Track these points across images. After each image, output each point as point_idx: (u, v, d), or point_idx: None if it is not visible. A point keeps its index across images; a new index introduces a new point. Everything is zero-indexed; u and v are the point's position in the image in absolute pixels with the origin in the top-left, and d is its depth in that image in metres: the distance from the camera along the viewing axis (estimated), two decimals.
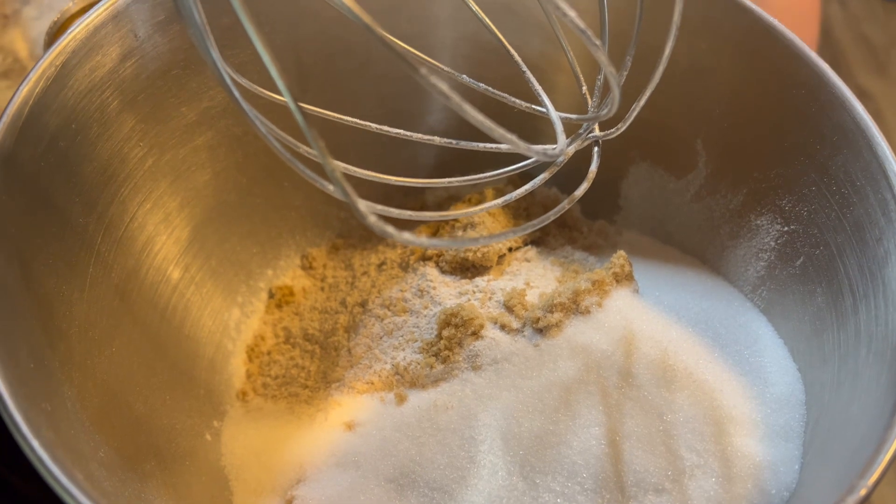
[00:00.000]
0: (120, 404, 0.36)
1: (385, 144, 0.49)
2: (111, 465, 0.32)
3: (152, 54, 0.38)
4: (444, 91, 0.23)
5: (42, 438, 0.25)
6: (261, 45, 0.23)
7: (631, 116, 0.34)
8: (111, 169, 0.38)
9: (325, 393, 0.42)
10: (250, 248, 0.47)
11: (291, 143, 0.31)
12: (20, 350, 0.29)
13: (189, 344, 0.43)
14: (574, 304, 0.39)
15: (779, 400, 0.36)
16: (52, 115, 0.33)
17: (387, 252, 0.47)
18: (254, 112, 0.28)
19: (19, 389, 0.27)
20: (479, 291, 0.42)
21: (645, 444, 0.34)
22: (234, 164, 0.45)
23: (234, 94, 0.27)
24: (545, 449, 0.35)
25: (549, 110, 0.34)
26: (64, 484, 0.24)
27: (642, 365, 0.36)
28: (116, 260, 0.38)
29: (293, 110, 0.23)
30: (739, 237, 0.42)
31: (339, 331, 0.44)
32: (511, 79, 0.38)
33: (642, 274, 0.42)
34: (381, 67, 0.48)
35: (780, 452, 0.34)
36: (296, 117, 0.23)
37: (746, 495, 0.32)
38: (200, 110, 0.42)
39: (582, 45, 0.39)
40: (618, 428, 0.34)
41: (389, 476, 0.37)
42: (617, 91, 0.28)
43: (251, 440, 0.42)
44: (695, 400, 0.35)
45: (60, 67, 0.33)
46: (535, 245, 0.46)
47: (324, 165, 0.24)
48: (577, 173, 0.37)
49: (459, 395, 0.38)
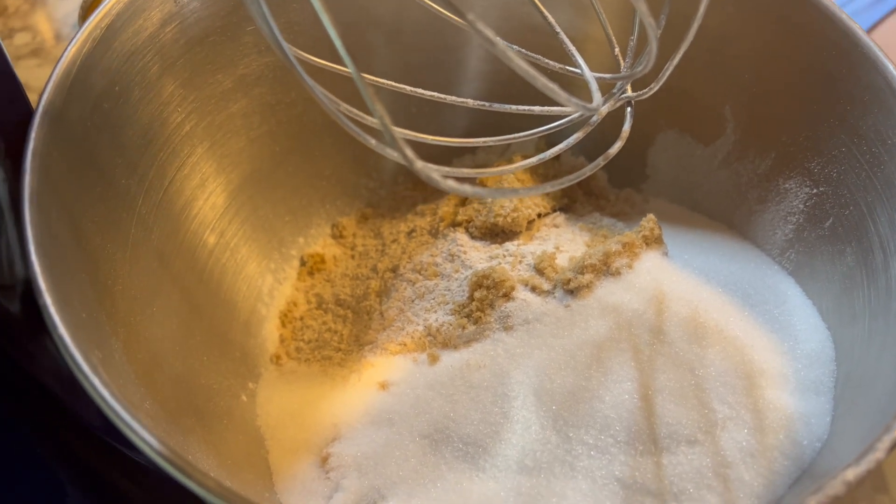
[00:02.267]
0: (161, 362, 0.37)
1: (413, 115, 0.50)
2: (156, 417, 0.33)
3: (191, 20, 0.39)
4: (489, 37, 0.24)
5: (100, 377, 0.26)
6: (327, 20, 0.23)
7: (664, 76, 0.34)
8: (151, 132, 0.38)
9: (357, 355, 0.43)
10: (283, 216, 0.48)
11: (353, 112, 0.31)
12: (73, 299, 0.30)
13: (225, 308, 0.44)
14: (605, 265, 0.39)
15: (809, 356, 0.36)
16: (98, 76, 0.34)
17: (416, 220, 0.48)
18: (317, 87, 0.29)
19: (75, 333, 0.27)
20: (509, 255, 0.42)
21: (677, 397, 0.34)
22: (268, 132, 0.46)
23: (297, 67, 0.28)
24: (578, 404, 0.35)
25: (584, 70, 0.34)
26: (126, 420, 0.25)
27: (673, 323, 0.37)
28: (156, 222, 0.39)
29: (357, 81, 0.24)
30: (767, 201, 0.43)
31: (371, 295, 0.45)
32: (540, 50, 0.39)
33: (670, 239, 0.42)
34: (410, 38, 0.48)
35: (811, 405, 0.34)
36: (360, 88, 0.24)
37: (778, 446, 0.33)
38: (236, 77, 0.42)
39: (613, 11, 0.40)
40: (650, 383, 0.35)
41: (424, 432, 0.37)
42: (655, 45, 0.28)
43: (286, 401, 0.43)
44: (726, 355, 0.36)
45: (105, 29, 0.34)
46: (563, 212, 0.46)
47: (384, 132, 0.25)
48: (602, 142, 0.38)
49: (492, 355, 0.38)
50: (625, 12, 0.42)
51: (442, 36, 0.47)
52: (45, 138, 0.31)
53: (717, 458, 0.33)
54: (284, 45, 0.27)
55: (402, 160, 0.25)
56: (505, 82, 0.50)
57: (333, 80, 0.35)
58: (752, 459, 0.32)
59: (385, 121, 0.24)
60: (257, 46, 0.43)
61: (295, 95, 0.46)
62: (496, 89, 0.49)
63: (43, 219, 0.29)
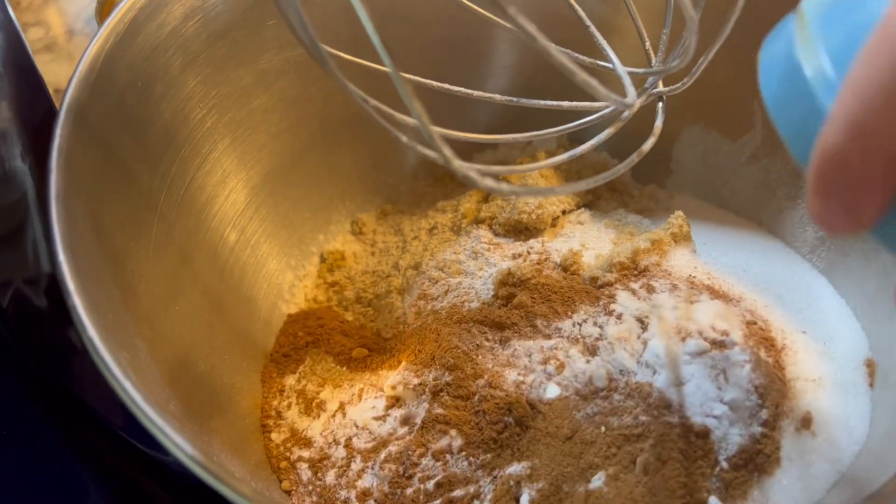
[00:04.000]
0: (185, 361, 0.37)
1: (435, 109, 0.49)
2: (182, 419, 0.33)
3: (212, 14, 0.38)
4: (531, 32, 0.23)
5: (131, 380, 0.26)
6: (367, 20, 0.23)
7: (698, 71, 0.34)
8: (173, 128, 0.38)
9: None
10: (302, 213, 0.47)
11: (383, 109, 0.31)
12: (100, 299, 0.29)
13: (246, 305, 0.43)
14: (633, 263, 0.39)
15: (844, 356, 0.36)
16: (121, 71, 0.34)
17: (437, 217, 0.47)
18: (349, 84, 0.28)
19: (103, 335, 0.27)
20: (534, 253, 0.42)
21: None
22: (288, 127, 0.45)
23: (329, 64, 0.27)
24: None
25: (616, 64, 0.33)
26: (158, 423, 0.25)
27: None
28: (178, 220, 0.39)
29: (394, 79, 0.24)
30: (797, 198, 0.42)
31: (393, 293, 0.44)
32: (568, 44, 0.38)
33: (698, 236, 0.42)
34: (433, 32, 0.48)
35: (848, 407, 0.34)
36: (397, 86, 0.24)
37: (816, 448, 0.32)
38: (257, 72, 0.42)
39: (643, 4, 0.39)
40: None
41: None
42: (694, 39, 0.28)
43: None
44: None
45: (129, 24, 0.34)
46: (587, 208, 0.46)
47: (423, 131, 0.24)
48: (627, 139, 0.37)
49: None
50: (653, 4, 0.41)
51: (465, 31, 0.47)
52: (69, 136, 0.30)
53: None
54: (319, 44, 0.27)
55: (440, 159, 0.25)
56: (528, 76, 0.49)
57: (356, 74, 0.34)
58: (789, 463, 0.32)
59: (424, 119, 0.24)
60: (278, 41, 0.42)
61: (315, 90, 0.45)
62: (520, 82, 0.49)
63: (70, 218, 0.29)
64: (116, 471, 0.37)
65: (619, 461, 0.33)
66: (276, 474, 0.38)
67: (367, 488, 0.35)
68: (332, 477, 0.37)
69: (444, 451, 0.35)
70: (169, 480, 0.38)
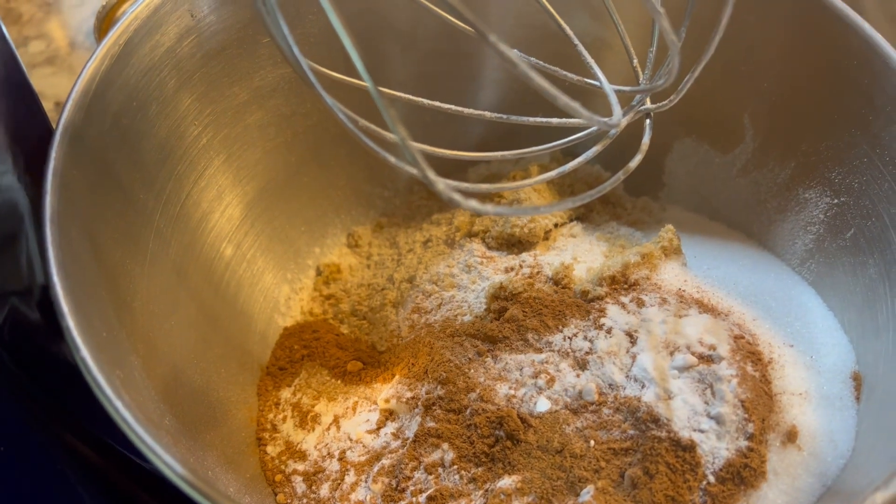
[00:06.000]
0: (180, 376, 0.37)
1: (427, 124, 0.50)
2: (177, 434, 0.33)
3: (207, 34, 0.39)
4: (512, 59, 0.24)
5: (123, 400, 0.26)
6: (345, 36, 0.23)
7: (684, 88, 0.34)
8: (168, 146, 0.38)
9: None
10: (298, 227, 0.48)
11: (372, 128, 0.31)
12: (94, 319, 0.30)
13: (242, 319, 0.44)
14: (623, 276, 0.39)
15: (831, 370, 0.36)
16: (116, 92, 0.34)
17: (431, 230, 0.48)
18: (335, 102, 0.29)
19: (96, 355, 0.27)
20: (526, 266, 0.42)
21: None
22: (283, 143, 0.45)
23: (312, 81, 0.28)
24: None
25: (603, 83, 0.34)
26: (148, 443, 0.25)
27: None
28: (174, 236, 0.39)
29: (375, 98, 0.24)
30: (787, 211, 0.42)
31: (388, 306, 0.45)
32: (556, 57, 0.39)
33: (689, 248, 0.42)
34: (425, 46, 0.48)
35: (834, 421, 0.34)
36: (378, 105, 0.24)
37: (802, 462, 0.33)
38: (252, 90, 0.42)
39: (631, 20, 0.39)
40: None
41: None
42: (676, 60, 0.28)
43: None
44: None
45: (124, 46, 0.34)
46: (580, 221, 0.46)
47: (404, 150, 0.24)
48: (618, 152, 0.38)
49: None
50: (641, 19, 0.42)
51: (457, 44, 0.47)
52: (64, 157, 0.31)
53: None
54: (303, 61, 0.27)
55: (423, 178, 0.25)
56: (520, 90, 0.50)
57: (349, 90, 0.34)
58: (774, 476, 0.32)
59: (404, 139, 0.24)
60: (273, 58, 0.43)
61: (310, 106, 0.46)
62: (511, 97, 0.49)
63: (64, 238, 0.29)
64: (111, 483, 0.38)
65: (607, 475, 0.33)
66: (271, 487, 0.39)
67: (360, 501, 0.36)
68: (327, 490, 0.37)
69: (437, 464, 0.36)
70: (164, 493, 0.39)
